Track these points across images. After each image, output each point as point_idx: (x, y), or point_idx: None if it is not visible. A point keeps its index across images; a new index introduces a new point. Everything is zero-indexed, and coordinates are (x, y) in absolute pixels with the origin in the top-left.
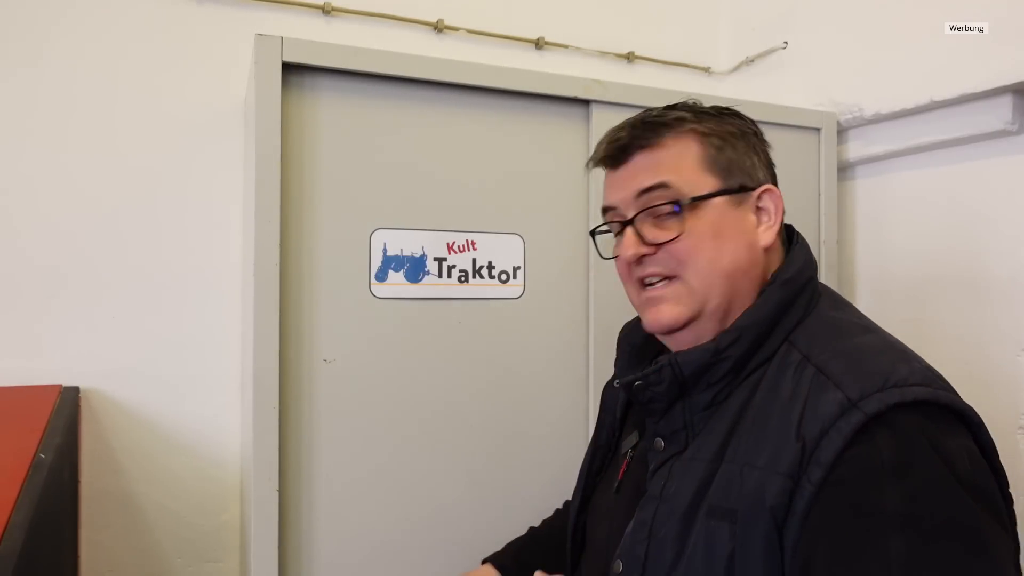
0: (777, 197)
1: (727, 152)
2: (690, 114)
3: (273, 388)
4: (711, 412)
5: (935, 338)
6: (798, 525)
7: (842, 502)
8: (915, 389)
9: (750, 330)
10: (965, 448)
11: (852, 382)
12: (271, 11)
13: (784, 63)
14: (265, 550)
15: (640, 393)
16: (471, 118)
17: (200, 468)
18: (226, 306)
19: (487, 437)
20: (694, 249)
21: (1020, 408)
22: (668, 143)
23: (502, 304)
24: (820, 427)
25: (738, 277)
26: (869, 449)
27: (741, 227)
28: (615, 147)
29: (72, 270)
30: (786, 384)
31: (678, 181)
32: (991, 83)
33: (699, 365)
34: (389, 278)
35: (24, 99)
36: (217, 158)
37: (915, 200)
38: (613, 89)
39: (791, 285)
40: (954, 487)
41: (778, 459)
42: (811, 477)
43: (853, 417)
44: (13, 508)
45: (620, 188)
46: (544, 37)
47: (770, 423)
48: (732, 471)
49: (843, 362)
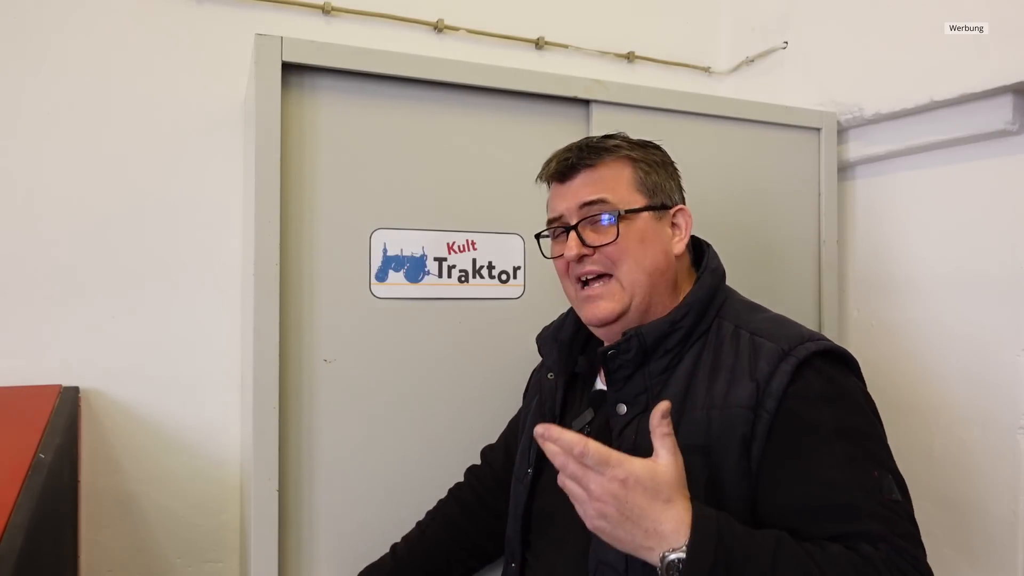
0: (687, 215)
1: (652, 176)
2: (625, 144)
3: (273, 388)
4: (666, 377)
5: (935, 338)
6: (761, 445)
7: (792, 424)
8: (822, 342)
9: (696, 305)
10: (860, 383)
11: (781, 338)
12: (271, 11)
13: (784, 63)
14: (265, 550)
15: (612, 361)
16: (471, 118)
17: (200, 468)
18: (226, 306)
19: (486, 437)
20: (625, 251)
21: (1020, 408)
22: (608, 164)
23: (502, 304)
24: (768, 369)
25: (656, 277)
26: (805, 384)
27: (660, 237)
28: (564, 165)
29: (72, 270)
30: (728, 347)
31: (614, 197)
32: (991, 83)
33: (659, 334)
34: (389, 278)
35: (23, 99)
36: (217, 158)
37: (915, 200)
38: (613, 89)
39: (716, 274)
40: (863, 408)
41: (739, 396)
42: (767, 406)
43: (790, 361)
44: (13, 508)
45: (566, 199)
46: (544, 37)
47: (722, 375)
48: (697, 416)
49: (768, 327)
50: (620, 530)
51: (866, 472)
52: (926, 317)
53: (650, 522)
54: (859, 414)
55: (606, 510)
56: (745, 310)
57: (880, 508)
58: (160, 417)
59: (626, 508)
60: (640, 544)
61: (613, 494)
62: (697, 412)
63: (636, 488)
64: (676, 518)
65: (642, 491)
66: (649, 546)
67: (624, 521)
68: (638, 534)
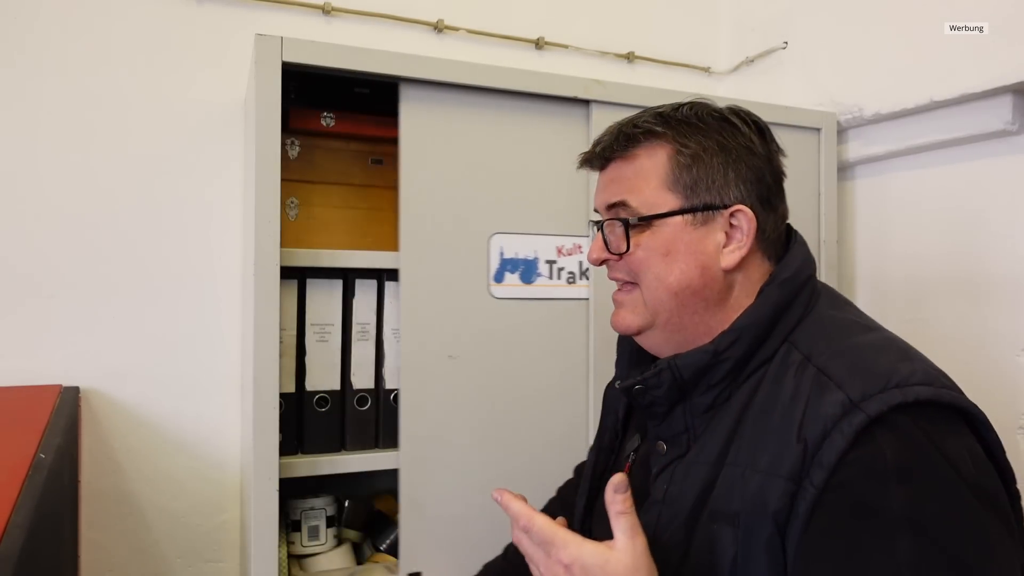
0: (749, 218)
1: (697, 169)
2: (677, 120)
3: (273, 388)
4: (712, 414)
5: (935, 338)
6: (800, 528)
7: (845, 504)
8: (917, 389)
9: (749, 330)
10: (968, 448)
11: (853, 382)
12: (271, 11)
13: (784, 63)
14: (265, 550)
15: (640, 397)
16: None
17: (200, 468)
18: (226, 306)
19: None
20: (644, 263)
21: (1020, 408)
22: (640, 155)
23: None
24: (822, 428)
25: (686, 297)
26: (872, 451)
27: (698, 247)
28: (594, 153)
29: (72, 270)
30: (787, 385)
31: (636, 200)
32: (991, 83)
33: (698, 367)
34: (506, 279)
35: (23, 99)
36: (217, 158)
37: (915, 200)
38: (613, 89)
39: (789, 285)
40: (958, 490)
41: (780, 462)
42: (813, 480)
43: (855, 418)
44: (13, 508)
45: (599, 193)
46: (544, 37)
47: (771, 425)
48: (734, 474)
49: (844, 362)
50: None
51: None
52: (926, 317)
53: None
54: (950, 498)
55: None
56: (826, 332)
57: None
58: (160, 417)
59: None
60: None
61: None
62: (736, 469)
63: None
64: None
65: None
66: None
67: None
68: None
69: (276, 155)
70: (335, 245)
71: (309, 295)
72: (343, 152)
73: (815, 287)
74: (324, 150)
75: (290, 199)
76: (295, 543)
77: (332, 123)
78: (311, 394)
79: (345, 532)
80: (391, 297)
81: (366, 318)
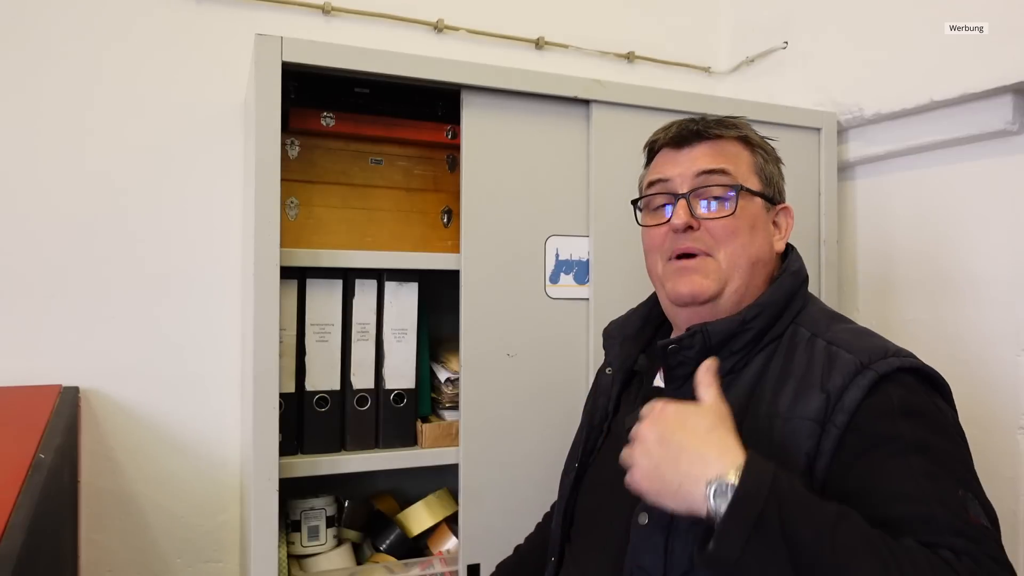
0: (790, 215)
1: (769, 166)
2: (747, 128)
3: (273, 388)
4: (730, 380)
5: (935, 338)
6: (826, 464)
7: (865, 439)
8: (909, 359)
9: (769, 308)
10: (949, 408)
11: (861, 351)
12: (271, 11)
13: (784, 63)
14: (265, 550)
15: (672, 356)
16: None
17: (200, 468)
18: (226, 306)
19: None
20: (734, 232)
21: (1020, 408)
22: (729, 142)
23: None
24: (842, 381)
25: (758, 268)
26: (882, 398)
27: (768, 229)
28: (687, 130)
29: (72, 270)
30: (800, 354)
31: (736, 171)
32: (991, 83)
33: (727, 333)
34: (561, 280)
35: (23, 99)
36: (217, 158)
37: (915, 200)
38: (613, 89)
39: (797, 277)
40: (948, 429)
41: (806, 408)
42: (836, 421)
43: (868, 375)
44: (13, 508)
45: (679, 165)
46: (544, 37)
47: (790, 384)
48: (760, 425)
49: (848, 337)
50: (664, 467)
51: (949, 490)
52: (926, 317)
53: (694, 448)
54: (943, 434)
55: (647, 447)
56: (825, 319)
57: (966, 527)
58: (160, 417)
59: (666, 437)
60: (685, 475)
61: (652, 425)
62: (760, 421)
63: (674, 418)
64: (721, 444)
65: (681, 421)
66: (695, 473)
67: (666, 456)
68: (683, 462)
69: (276, 155)
70: (335, 245)
71: (309, 295)
72: (343, 152)
73: (807, 291)
74: (324, 150)
75: (290, 199)
76: (295, 543)
77: (332, 123)
78: (311, 394)
79: (345, 532)
80: (391, 297)
81: (366, 318)
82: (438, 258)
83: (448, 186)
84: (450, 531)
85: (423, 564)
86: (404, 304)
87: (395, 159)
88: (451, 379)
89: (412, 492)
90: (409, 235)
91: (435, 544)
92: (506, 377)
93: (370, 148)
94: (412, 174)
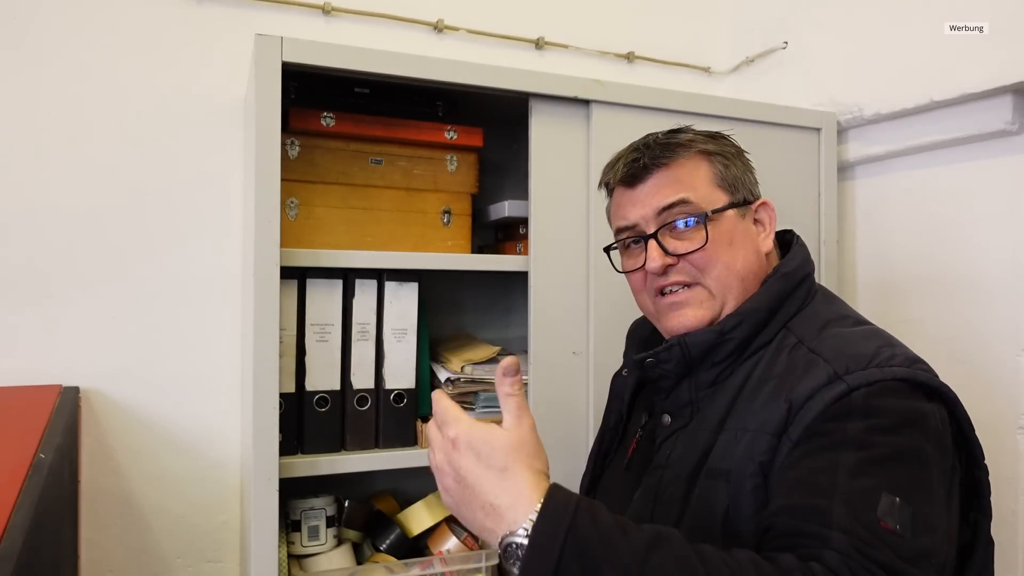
0: (771, 209)
1: (731, 170)
2: (698, 136)
3: (273, 388)
4: (714, 389)
5: (935, 338)
6: (777, 474)
7: (810, 440)
8: (895, 369)
9: (751, 315)
10: (938, 412)
11: (840, 360)
12: (271, 11)
13: (784, 63)
14: (265, 550)
15: (651, 370)
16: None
17: (200, 468)
18: (226, 306)
19: None
20: (714, 257)
21: (1020, 408)
22: (682, 161)
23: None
24: (807, 392)
25: (749, 279)
26: (843, 404)
27: (748, 235)
28: (636, 167)
29: (72, 270)
30: (781, 362)
31: (696, 197)
32: (991, 83)
33: (706, 345)
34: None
35: (23, 99)
36: (217, 158)
37: (915, 200)
38: (613, 89)
39: (790, 278)
40: (914, 430)
41: (768, 421)
42: (791, 435)
43: (837, 387)
44: (13, 508)
45: (638, 205)
46: (544, 37)
47: (764, 393)
48: (729, 438)
49: (834, 344)
50: (463, 507)
51: (867, 489)
52: (926, 317)
53: (486, 495)
54: (903, 435)
55: (446, 481)
56: (820, 322)
57: (859, 527)
58: (160, 417)
59: (461, 476)
60: (482, 525)
61: (447, 457)
62: (730, 432)
63: (467, 452)
64: (514, 492)
65: (474, 456)
66: (489, 527)
67: (464, 493)
68: (477, 510)
69: (276, 155)
70: (335, 245)
71: (309, 295)
72: (343, 152)
73: (812, 286)
74: (324, 150)
75: (290, 199)
76: (295, 543)
77: (332, 123)
78: (311, 394)
79: (345, 532)
80: (391, 297)
81: (366, 318)
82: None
83: (448, 186)
84: (450, 531)
85: (423, 564)
86: (404, 304)
87: (395, 159)
88: (451, 379)
89: (412, 492)
90: (409, 235)
91: (435, 544)
92: (571, 375)
93: (370, 148)
94: (412, 174)
